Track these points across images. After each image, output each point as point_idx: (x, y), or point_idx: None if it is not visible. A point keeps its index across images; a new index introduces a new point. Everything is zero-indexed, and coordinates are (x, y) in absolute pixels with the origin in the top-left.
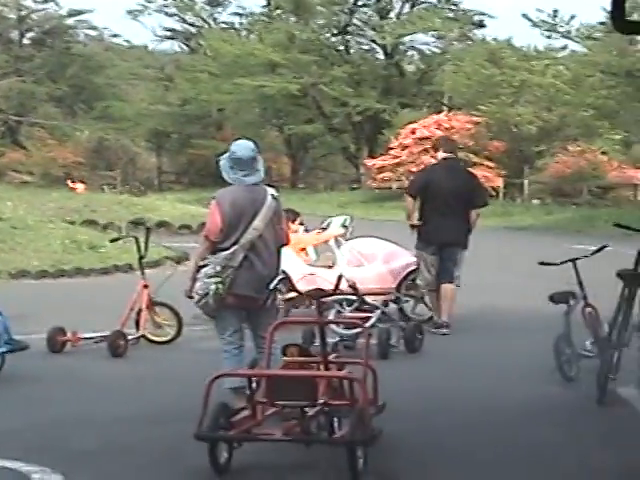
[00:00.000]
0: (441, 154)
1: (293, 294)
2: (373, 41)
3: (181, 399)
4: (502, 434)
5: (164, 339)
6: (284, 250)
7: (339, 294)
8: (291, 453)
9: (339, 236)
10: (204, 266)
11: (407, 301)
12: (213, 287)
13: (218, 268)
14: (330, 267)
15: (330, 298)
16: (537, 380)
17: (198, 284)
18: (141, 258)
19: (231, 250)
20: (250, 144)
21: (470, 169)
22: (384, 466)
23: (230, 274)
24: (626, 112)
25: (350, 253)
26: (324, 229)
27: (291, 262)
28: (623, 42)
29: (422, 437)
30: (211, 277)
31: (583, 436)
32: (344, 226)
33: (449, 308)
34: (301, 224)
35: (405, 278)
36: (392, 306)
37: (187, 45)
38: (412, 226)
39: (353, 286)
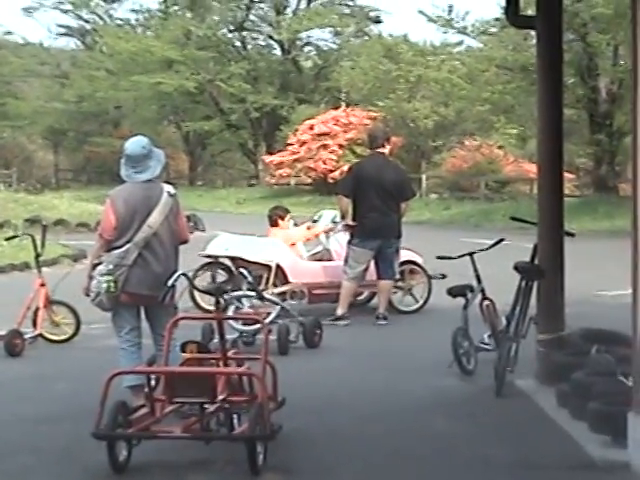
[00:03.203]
0: (369, 150)
1: (285, 287)
2: (270, 37)
3: (79, 398)
4: (402, 427)
5: (62, 338)
6: (278, 243)
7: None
8: (191, 450)
9: (329, 231)
10: (99, 264)
11: (395, 292)
12: (105, 285)
13: (110, 266)
14: (329, 260)
15: (229, 294)
16: (435, 373)
17: (93, 282)
18: (37, 256)
19: (124, 248)
20: (142, 141)
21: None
22: (284, 461)
23: (123, 272)
24: (521, 107)
25: (339, 246)
26: (315, 221)
27: (285, 255)
28: (518, 37)
29: (322, 431)
30: (104, 275)
31: (481, 428)
32: (334, 222)
33: (385, 301)
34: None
35: None
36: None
37: (83, 42)
38: (347, 226)
39: (251, 283)
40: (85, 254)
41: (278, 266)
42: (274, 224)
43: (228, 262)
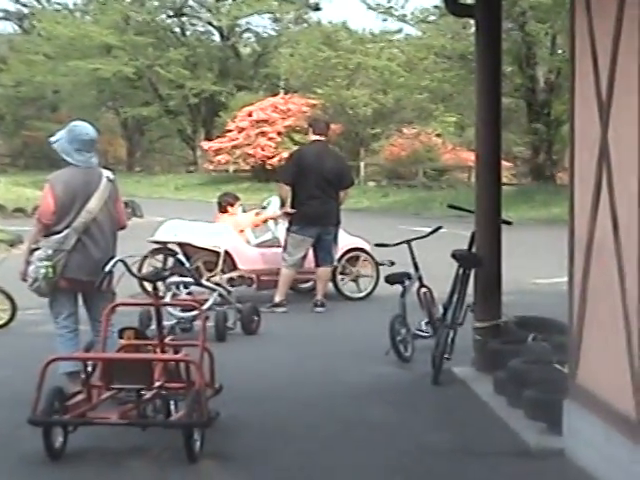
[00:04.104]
0: (312, 136)
1: (235, 273)
2: (209, 23)
3: (15, 384)
4: (340, 414)
5: None
6: (227, 230)
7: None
8: (127, 437)
9: (277, 217)
10: (37, 249)
11: (342, 279)
12: (43, 271)
13: (50, 252)
14: (277, 247)
15: (167, 280)
16: (373, 361)
17: (31, 267)
18: None
19: (63, 233)
20: (90, 126)
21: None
22: (221, 448)
23: (62, 258)
24: (460, 95)
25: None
26: (263, 208)
27: (233, 242)
28: (457, 25)
29: (260, 418)
30: (43, 260)
31: (418, 415)
32: None
33: (324, 288)
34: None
35: (341, 258)
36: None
37: (21, 26)
38: (286, 213)
39: (189, 269)
40: (22, 239)
41: (227, 252)
42: (223, 210)
43: (176, 248)
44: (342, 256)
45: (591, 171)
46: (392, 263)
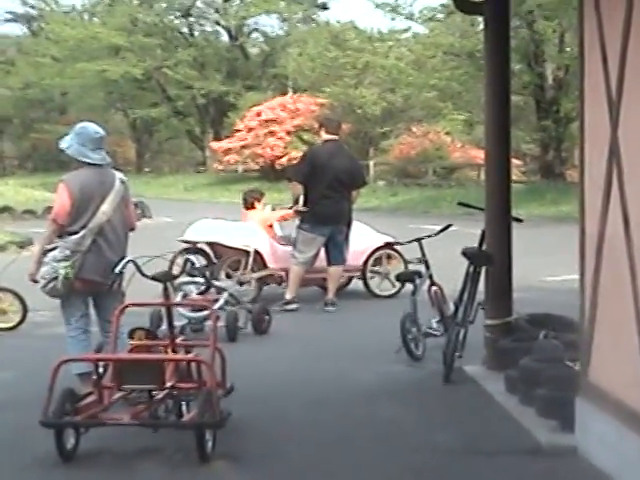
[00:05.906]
0: (325, 135)
1: (265, 272)
2: (217, 23)
3: (26, 386)
4: (351, 413)
5: (8, 325)
6: (255, 228)
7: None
8: (139, 437)
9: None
10: (51, 250)
11: (372, 277)
12: (63, 272)
13: (68, 252)
14: None
15: (178, 280)
16: (384, 359)
17: (45, 268)
18: None
19: (80, 234)
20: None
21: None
22: (233, 448)
23: (78, 259)
24: (469, 93)
25: None
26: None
27: (262, 240)
28: (465, 23)
29: (271, 418)
30: (60, 261)
31: (429, 414)
32: None
33: (335, 287)
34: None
35: (371, 256)
36: (240, 288)
37: (29, 28)
38: (297, 212)
39: (200, 269)
40: (31, 241)
41: (256, 251)
42: (250, 207)
43: (206, 248)
44: (372, 254)
45: (601, 169)
46: (420, 261)
